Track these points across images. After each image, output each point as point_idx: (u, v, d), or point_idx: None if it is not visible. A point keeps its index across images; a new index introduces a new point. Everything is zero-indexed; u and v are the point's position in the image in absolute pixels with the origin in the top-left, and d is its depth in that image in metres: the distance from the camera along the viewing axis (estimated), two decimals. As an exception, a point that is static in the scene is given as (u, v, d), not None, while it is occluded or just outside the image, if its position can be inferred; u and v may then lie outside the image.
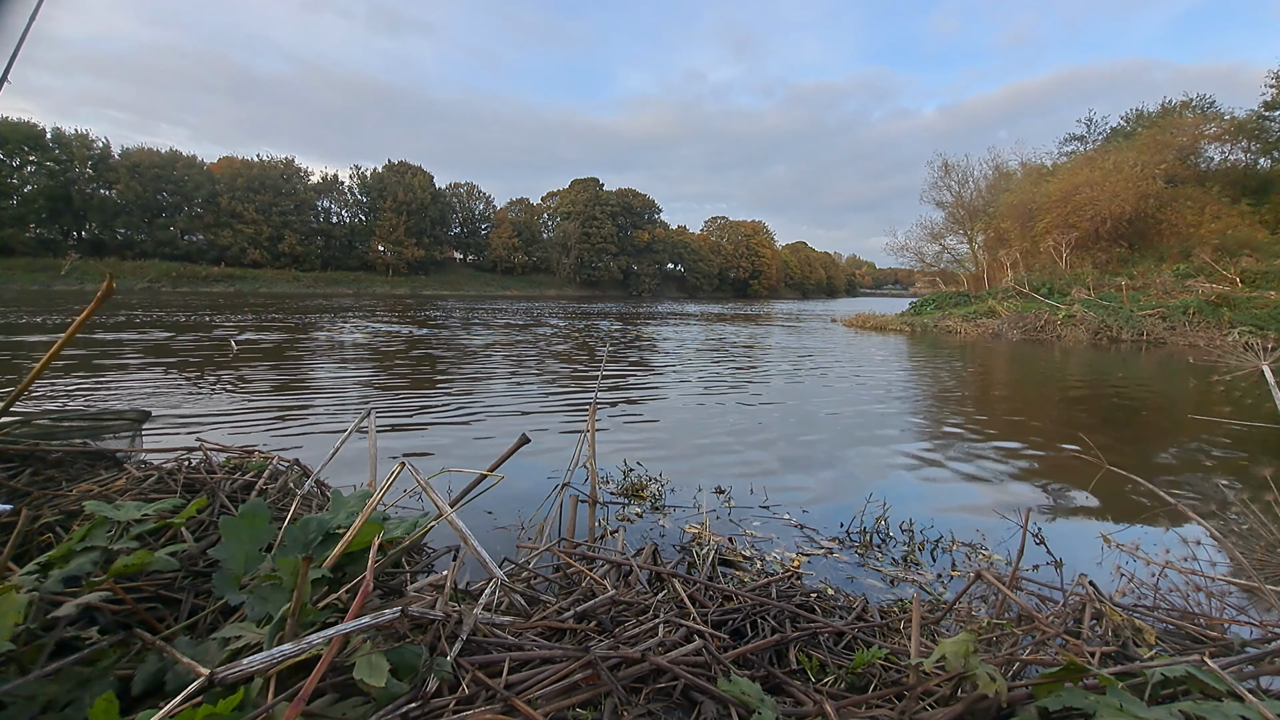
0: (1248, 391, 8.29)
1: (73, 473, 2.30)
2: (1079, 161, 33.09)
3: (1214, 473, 5.02)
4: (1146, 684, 1.22)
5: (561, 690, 1.26)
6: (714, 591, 2.08)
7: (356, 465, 3.99)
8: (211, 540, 1.75)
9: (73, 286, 36.26)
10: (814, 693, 1.44)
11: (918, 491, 4.51)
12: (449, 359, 11.56)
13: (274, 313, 22.84)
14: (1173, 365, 13.04)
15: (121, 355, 10.18)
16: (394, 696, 1.11)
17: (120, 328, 14.81)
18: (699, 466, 4.91)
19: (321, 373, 9.35)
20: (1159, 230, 27.91)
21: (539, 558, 2.50)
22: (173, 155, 50.75)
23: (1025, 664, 1.60)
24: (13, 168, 43.62)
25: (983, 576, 1.86)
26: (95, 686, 1.13)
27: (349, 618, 1.12)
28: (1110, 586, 2.72)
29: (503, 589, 1.75)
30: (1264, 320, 17.73)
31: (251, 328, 16.27)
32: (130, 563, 1.38)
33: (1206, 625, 1.90)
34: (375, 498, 1.61)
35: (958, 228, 40.42)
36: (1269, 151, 28.74)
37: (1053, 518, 4.00)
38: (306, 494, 2.42)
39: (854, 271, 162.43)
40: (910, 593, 2.87)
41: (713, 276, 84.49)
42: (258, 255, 52.32)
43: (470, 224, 69.91)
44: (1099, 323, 19.08)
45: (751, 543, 3.43)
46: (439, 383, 8.74)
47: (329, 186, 59.55)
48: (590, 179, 74.47)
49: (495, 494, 3.39)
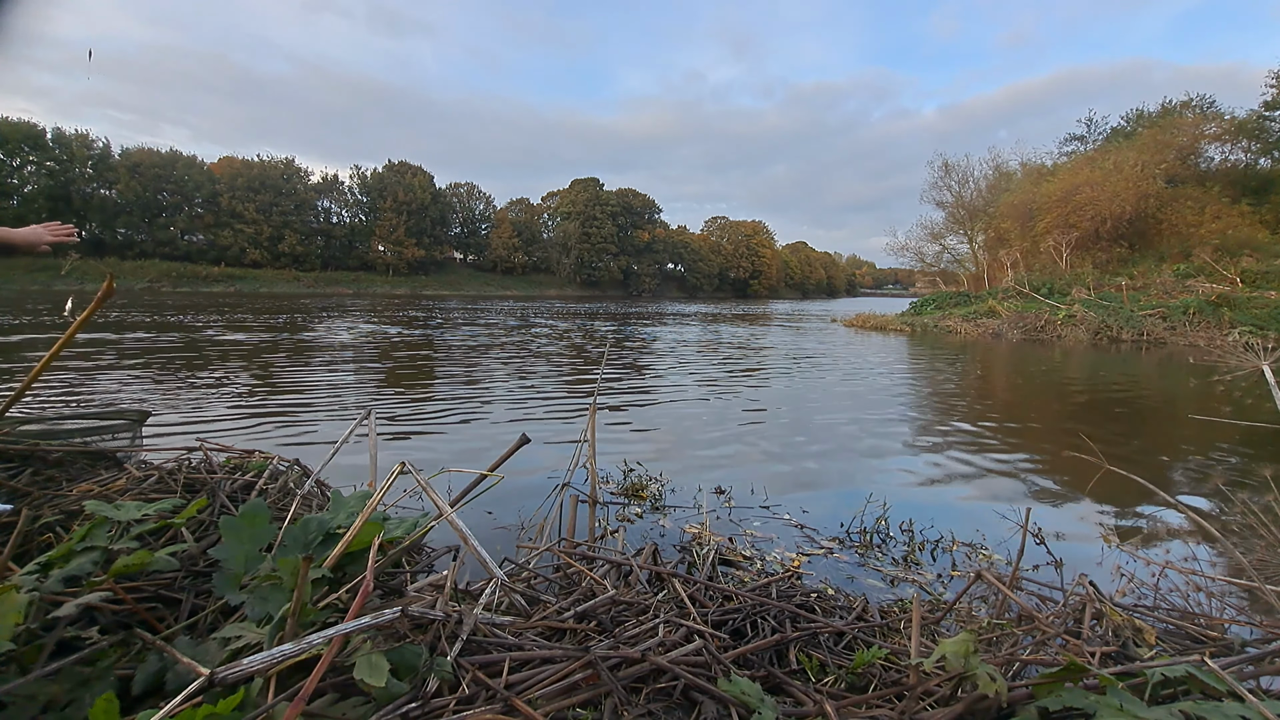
0: (1248, 391, 8.30)
1: (73, 473, 2.30)
2: (1079, 161, 33.08)
3: (1214, 473, 5.01)
4: (1146, 684, 1.22)
5: (561, 690, 1.26)
6: (714, 591, 2.08)
7: (356, 465, 3.99)
8: (212, 540, 1.75)
9: (73, 286, 36.22)
10: (814, 693, 1.44)
11: (918, 491, 4.50)
12: (449, 359, 11.56)
13: (273, 313, 22.86)
14: (1173, 365, 13.03)
15: (101, 357, 10.18)
16: (394, 696, 1.11)
17: (120, 327, 14.82)
18: (699, 466, 4.91)
19: (321, 373, 9.35)
20: (1159, 230, 27.90)
21: (539, 558, 2.50)
22: (173, 155, 50.75)
23: (1025, 664, 1.60)
24: (13, 168, 43.62)
25: (983, 576, 1.86)
26: (95, 686, 1.13)
27: (349, 618, 1.12)
28: (1110, 586, 2.72)
29: (503, 589, 1.75)
30: (1264, 320, 17.72)
31: (227, 325, 16.27)
32: (130, 563, 1.38)
33: (1206, 625, 1.90)
34: (375, 498, 1.61)
35: (958, 228, 40.43)
36: (1269, 151, 28.72)
37: (1053, 518, 4.00)
38: (307, 494, 2.42)
39: (854, 271, 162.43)
40: (910, 593, 2.87)
41: (713, 276, 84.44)
42: (258, 255, 52.33)
43: (470, 224, 69.92)
44: (1099, 323, 19.06)
45: (751, 543, 3.43)
46: (439, 383, 8.74)
47: (329, 186, 59.54)
48: (590, 179, 74.45)
49: (495, 494, 3.39)
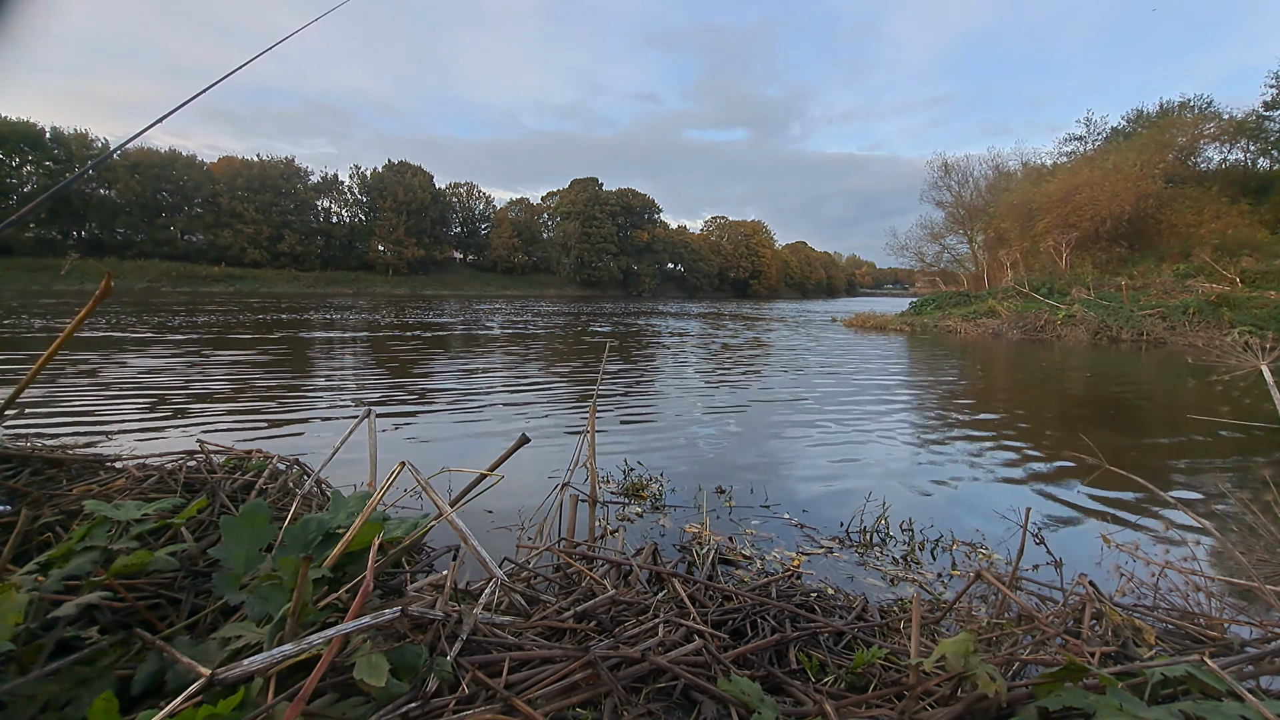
0: (1246, 391, 8.30)
1: (73, 473, 2.30)
2: (1079, 161, 33.12)
3: (1214, 473, 5.02)
4: (1146, 684, 1.22)
5: (561, 690, 1.26)
6: (714, 591, 2.08)
7: (356, 465, 3.99)
8: (211, 540, 1.75)
9: (72, 286, 36.23)
10: (814, 692, 1.44)
11: (918, 491, 4.51)
12: (449, 359, 11.56)
13: (272, 312, 22.84)
14: (1173, 365, 13.04)
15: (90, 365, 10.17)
16: (394, 696, 1.11)
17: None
18: (699, 466, 4.91)
19: (321, 373, 9.35)
20: (1159, 230, 27.92)
21: (539, 557, 2.50)
22: (172, 155, 50.73)
23: (1025, 664, 1.60)
24: (12, 167, 43.61)
25: (983, 576, 1.86)
26: (95, 686, 1.13)
27: (349, 618, 1.12)
28: (1110, 586, 2.72)
29: (503, 589, 1.75)
30: (1264, 320, 17.73)
31: (226, 325, 16.26)
32: (130, 562, 1.38)
33: (1206, 625, 1.90)
34: (375, 498, 1.61)
35: (958, 227, 40.48)
36: (1268, 151, 28.75)
37: (1053, 518, 4.00)
38: (307, 494, 2.42)
39: (854, 271, 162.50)
40: (910, 592, 2.87)
41: (713, 276, 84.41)
42: (257, 255, 52.31)
43: (470, 224, 69.95)
44: (1099, 322, 19.07)
45: (751, 542, 3.43)
46: (439, 382, 8.73)
47: (329, 186, 59.55)
48: (590, 179, 74.41)
49: (495, 494, 3.38)
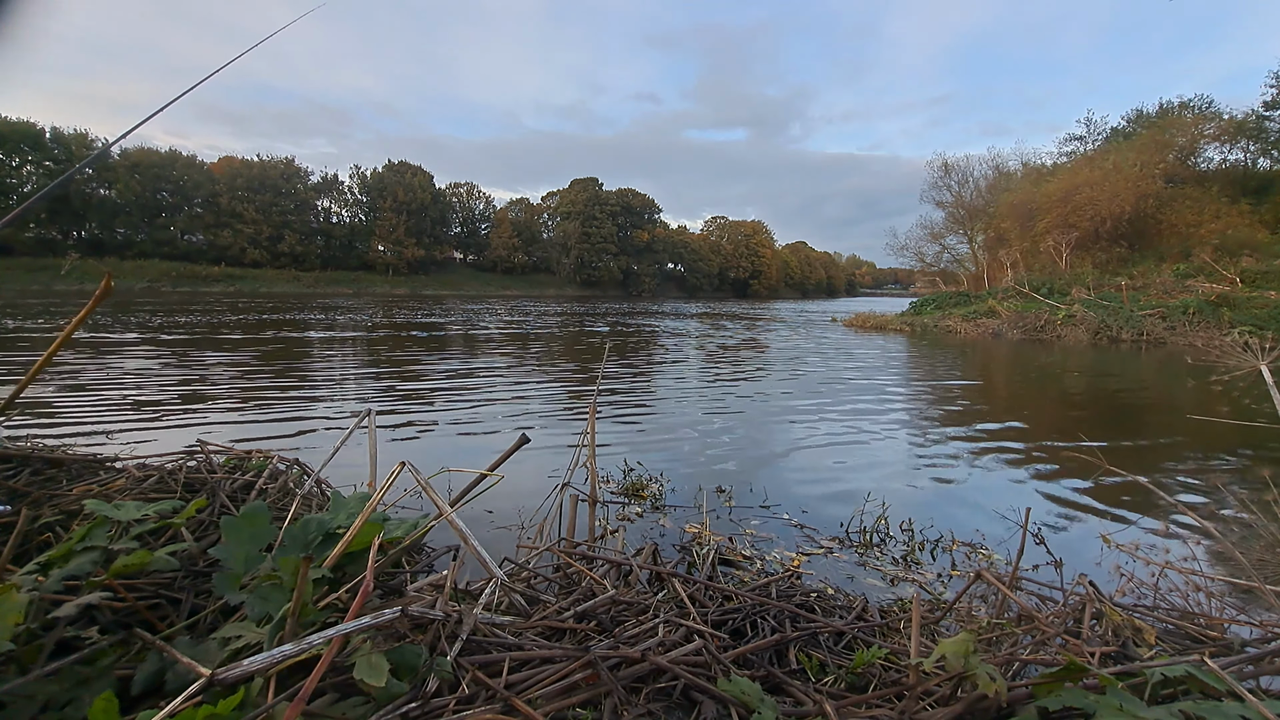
0: (1246, 391, 8.30)
1: (73, 473, 2.30)
2: (1079, 162, 33.12)
3: (1213, 472, 5.01)
4: (1146, 684, 1.22)
5: (561, 690, 1.26)
6: (714, 591, 2.08)
7: (357, 465, 3.99)
8: (211, 540, 1.75)
9: (73, 286, 36.24)
10: (814, 692, 1.44)
11: (917, 491, 4.50)
12: (449, 359, 11.56)
13: (272, 312, 22.83)
14: (1173, 365, 13.04)
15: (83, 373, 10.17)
16: (394, 696, 1.11)
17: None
18: (699, 466, 4.91)
19: (320, 373, 9.35)
20: (1159, 230, 27.92)
21: (539, 557, 2.50)
22: (172, 155, 50.74)
23: (1025, 664, 1.60)
24: (12, 167, 43.61)
25: (983, 576, 1.86)
26: (95, 686, 1.13)
27: (349, 618, 1.12)
28: (1110, 586, 2.72)
29: (503, 589, 1.75)
30: (1264, 320, 17.73)
31: (224, 326, 16.26)
32: (130, 562, 1.38)
33: (1206, 625, 1.90)
34: (375, 498, 1.61)
35: (958, 227, 40.47)
36: (1268, 151, 28.76)
37: (1053, 518, 4.00)
38: (307, 494, 2.42)
39: (854, 271, 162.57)
40: (910, 592, 2.87)
41: (713, 276, 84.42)
42: (257, 255, 52.33)
43: (470, 224, 69.95)
44: (1099, 323, 19.07)
45: (751, 542, 3.43)
46: (439, 382, 8.73)
47: (329, 186, 59.55)
48: (590, 179, 74.42)
49: (495, 494, 3.38)
